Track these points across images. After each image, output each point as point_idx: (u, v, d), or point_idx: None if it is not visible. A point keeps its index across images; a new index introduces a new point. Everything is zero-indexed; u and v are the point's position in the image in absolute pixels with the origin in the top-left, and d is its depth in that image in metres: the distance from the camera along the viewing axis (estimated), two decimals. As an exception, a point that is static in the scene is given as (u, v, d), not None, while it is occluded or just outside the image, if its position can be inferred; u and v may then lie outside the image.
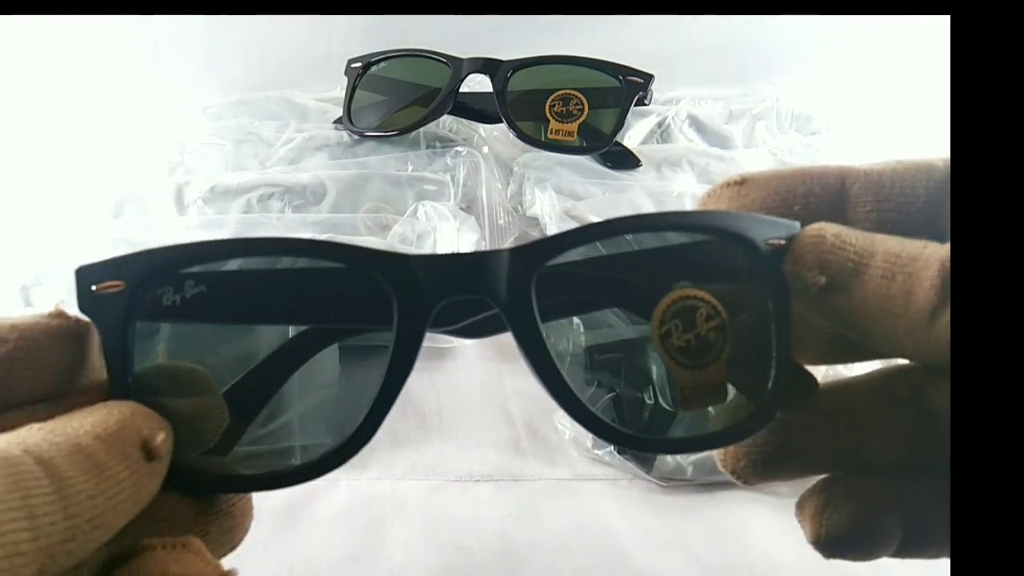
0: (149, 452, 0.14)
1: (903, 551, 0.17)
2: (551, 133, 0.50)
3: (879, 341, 0.16)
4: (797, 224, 0.17)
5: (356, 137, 0.54)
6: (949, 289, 0.14)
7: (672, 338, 0.17)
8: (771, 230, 0.17)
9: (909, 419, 0.17)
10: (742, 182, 0.18)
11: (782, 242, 0.17)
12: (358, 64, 0.56)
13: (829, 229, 0.16)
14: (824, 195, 0.17)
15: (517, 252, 0.17)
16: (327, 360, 0.22)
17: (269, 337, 0.19)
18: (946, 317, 0.14)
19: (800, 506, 0.18)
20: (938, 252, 0.15)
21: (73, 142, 0.56)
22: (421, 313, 0.16)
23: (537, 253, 0.17)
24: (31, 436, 0.13)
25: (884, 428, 0.17)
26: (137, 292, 0.16)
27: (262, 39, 0.67)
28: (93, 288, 0.16)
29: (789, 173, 0.18)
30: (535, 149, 0.51)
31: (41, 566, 0.12)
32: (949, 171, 0.16)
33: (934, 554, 0.17)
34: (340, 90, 0.57)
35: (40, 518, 0.12)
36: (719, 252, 0.18)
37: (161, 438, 0.15)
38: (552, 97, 0.50)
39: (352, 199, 0.46)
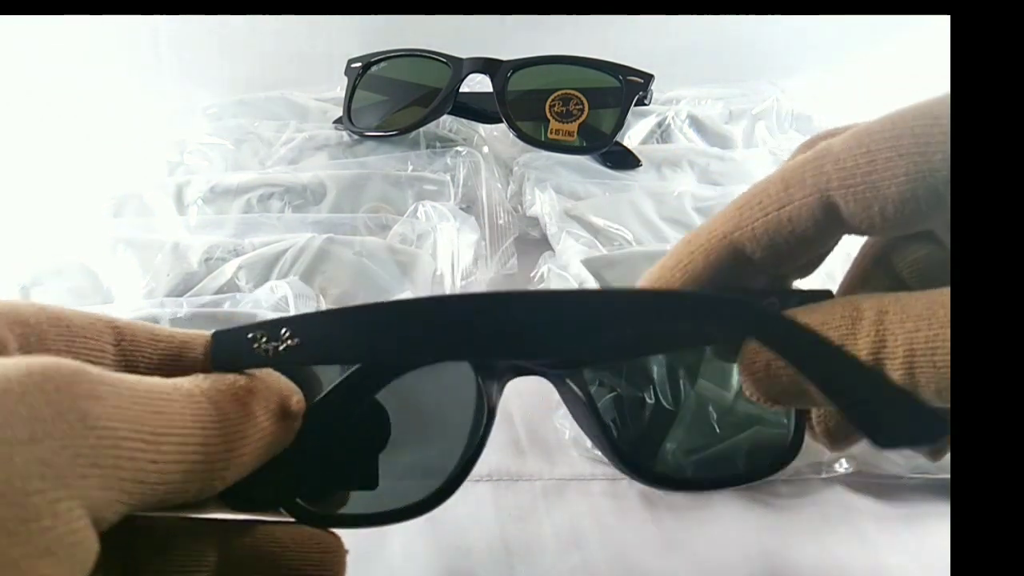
0: (286, 411, 0.17)
1: None
2: (551, 133, 0.50)
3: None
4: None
5: (356, 137, 0.54)
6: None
7: None
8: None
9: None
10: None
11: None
12: (358, 64, 0.56)
13: (757, 363, 0.18)
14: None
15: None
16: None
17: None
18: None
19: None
20: (860, 355, 0.16)
21: (73, 142, 0.56)
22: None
23: None
24: (202, 381, 0.16)
25: None
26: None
27: (262, 39, 0.67)
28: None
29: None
30: (535, 149, 0.51)
31: (202, 486, 0.15)
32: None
33: None
34: (340, 90, 0.57)
35: (209, 447, 0.15)
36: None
37: (296, 399, 0.17)
38: (552, 97, 0.50)
39: (352, 199, 0.46)
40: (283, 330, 0.17)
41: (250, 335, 0.17)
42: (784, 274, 0.19)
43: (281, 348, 0.17)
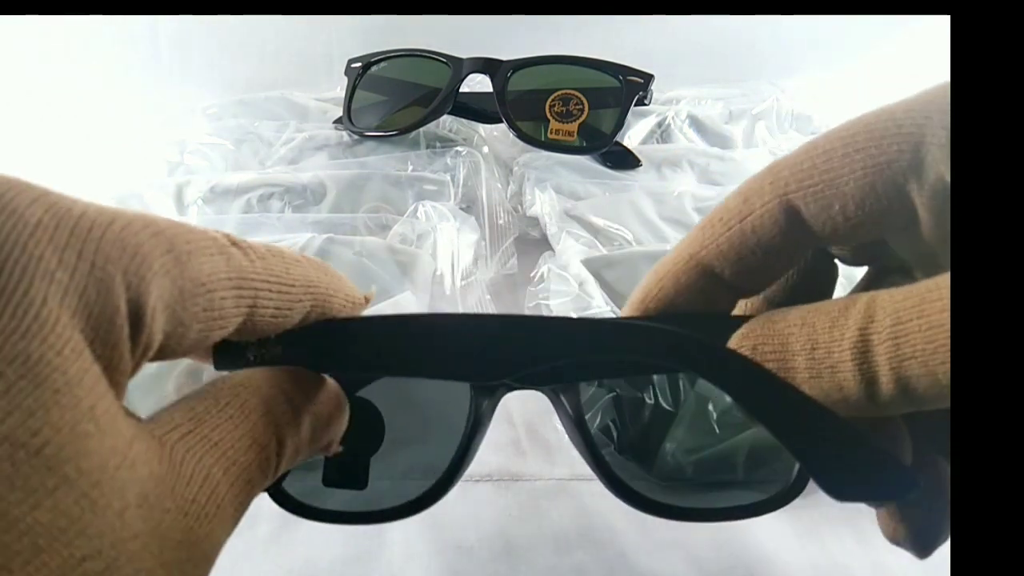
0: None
1: None
2: (551, 133, 0.50)
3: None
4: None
5: (356, 137, 0.54)
6: (870, 362, 0.15)
7: None
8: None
9: None
10: None
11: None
12: (358, 64, 0.56)
13: (745, 343, 0.17)
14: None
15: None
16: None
17: None
18: (884, 386, 0.15)
19: None
20: (847, 333, 0.15)
21: (73, 142, 0.56)
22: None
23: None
24: None
25: None
26: None
27: (262, 39, 0.67)
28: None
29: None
30: (535, 149, 0.51)
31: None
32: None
33: None
34: (340, 90, 0.57)
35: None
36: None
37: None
38: (552, 97, 0.50)
39: (352, 199, 0.46)
40: (272, 339, 0.17)
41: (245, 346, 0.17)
42: (766, 298, 0.19)
43: (265, 354, 0.17)
